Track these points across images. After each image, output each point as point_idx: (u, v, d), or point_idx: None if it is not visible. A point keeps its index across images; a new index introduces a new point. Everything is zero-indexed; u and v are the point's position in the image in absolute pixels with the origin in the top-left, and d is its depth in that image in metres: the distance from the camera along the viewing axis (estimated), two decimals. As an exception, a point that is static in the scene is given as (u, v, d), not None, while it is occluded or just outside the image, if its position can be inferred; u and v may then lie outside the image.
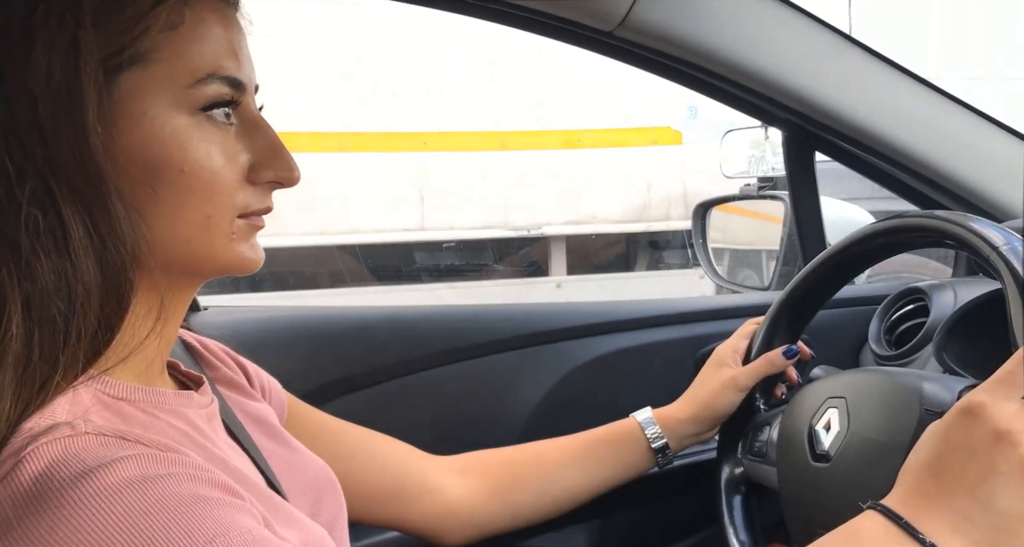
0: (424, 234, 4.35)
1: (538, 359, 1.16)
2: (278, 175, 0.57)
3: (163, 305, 0.56)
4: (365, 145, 4.19)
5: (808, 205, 1.21)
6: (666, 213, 4.63)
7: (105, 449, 0.47)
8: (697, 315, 1.19)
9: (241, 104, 0.56)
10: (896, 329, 1.06)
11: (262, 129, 0.57)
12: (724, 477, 0.91)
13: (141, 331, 0.54)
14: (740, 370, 0.92)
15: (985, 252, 0.69)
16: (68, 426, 0.47)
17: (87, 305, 0.49)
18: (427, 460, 0.90)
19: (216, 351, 0.75)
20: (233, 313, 1.18)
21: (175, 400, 0.57)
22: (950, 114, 1.10)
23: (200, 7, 0.54)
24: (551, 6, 1.02)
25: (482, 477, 0.91)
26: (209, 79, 0.53)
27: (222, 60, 0.54)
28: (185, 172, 0.53)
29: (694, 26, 1.02)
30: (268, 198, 0.58)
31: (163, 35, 0.52)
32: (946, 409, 0.63)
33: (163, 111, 0.52)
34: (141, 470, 0.46)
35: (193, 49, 0.53)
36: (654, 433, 0.92)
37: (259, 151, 0.57)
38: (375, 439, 0.88)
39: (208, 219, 0.54)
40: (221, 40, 0.55)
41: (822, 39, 1.07)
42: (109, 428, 0.48)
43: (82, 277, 0.49)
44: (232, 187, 0.55)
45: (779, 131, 1.22)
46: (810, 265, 0.91)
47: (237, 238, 0.56)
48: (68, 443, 0.46)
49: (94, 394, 0.51)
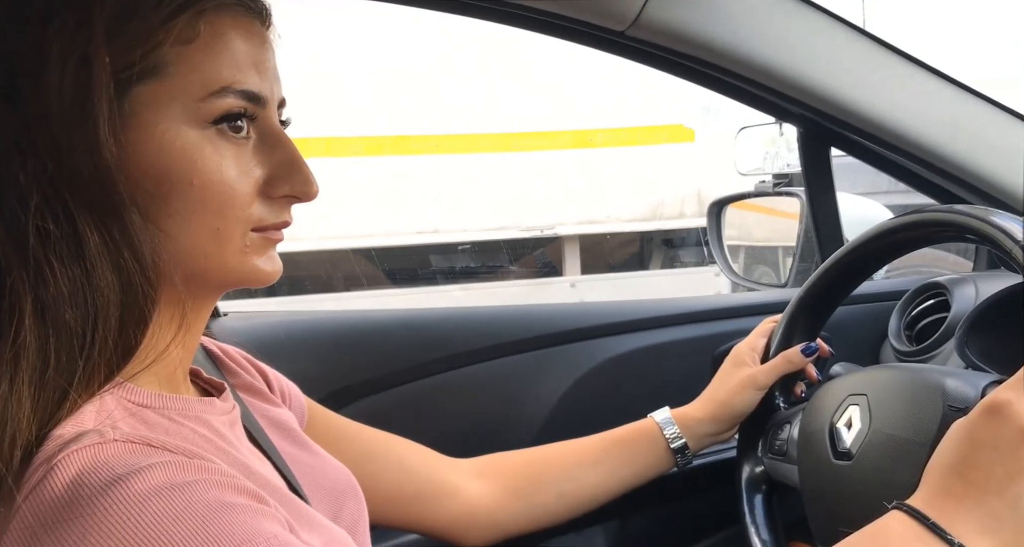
0: (438, 236, 4.35)
1: (555, 360, 1.16)
2: (295, 189, 0.57)
3: (185, 314, 0.56)
4: (378, 149, 4.20)
5: (824, 201, 1.21)
6: (680, 211, 4.62)
7: (133, 456, 0.47)
8: (714, 314, 1.19)
9: (259, 118, 0.56)
10: (916, 325, 1.05)
11: (281, 143, 0.57)
12: (745, 476, 0.90)
13: (164, 339, 0.55)
14: (759, 368, 0.92)
15: (1008, 246, 0.68)
16: (97, 433, 0.48)
17: (106, 313, 0.50)
18: (446, 463, 0.90)
19: (237, 357, 0.76)
20: (252, 319, 1.18)
21: (198, 406, 0.57)
22: (967, 106, 1.09)
23: (220, 22, 0.54)
24: (563, 7, 1.02)
25: (501, 478, 0.91)
26: (223, 92, 0.53)
27: (239, 73, 0.54)
28: (196, 185, 0.53)
29: (706, 24, 1.02)
30: (285, 212, 0.58)
31: (176, 49, 0.52)
32: (970, 405, 0.64)
33: (175, 124, 0.53)
34: (169, 477, 0.47)
35: (207, 63, 0.53)
36: (673, 433, 0.92)
37: (276, 165, 0.57)
38: (394, 442, 0.88)
39: (218, 232, 0.54)
40: (241, 54, 0.55)
41: (836, 34, 1.06)
42: (136, 435, 0.49)
43: (98, 285, 0.49)
44: (244, 201, 0.55)
45: (794, 127, 1.21)
46: (828, 262, 0.90)
47: (251, 251, 0.56)
48: (97, 450, 0.47)
49: (119, 401, 0.52)
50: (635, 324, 1.17)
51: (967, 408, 0.67)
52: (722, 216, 1.47)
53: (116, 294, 0.50)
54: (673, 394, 1.15)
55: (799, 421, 0.86)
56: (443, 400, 1.15)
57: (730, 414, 0.92)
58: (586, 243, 4.63)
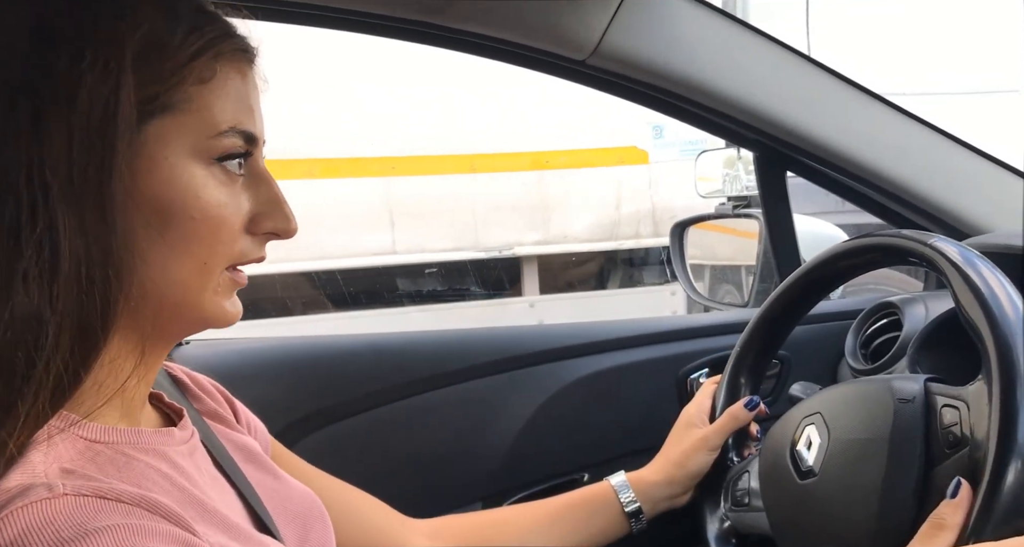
0: (395, 258, 4.34)
1: (521, 382, 1.16)
2: (276, 227, 0.59)
3: (143, 351, 0.56)
4: (333, 171, 4.19)
5: (781, 223, 1.24)
6: (636, 231, 4.67)
7: (83, 514, 0.46)
8: (678, 334, 1.21)
9: (252, 156, 0.59)
10: (871, 343, 1.09)
11: (267, 182, 0.59)
12: (713, 534, 0.91)
13: (120, 376, 0.54)
14: (709, 429, 0.93)
15: (942, 267, 0.72)
16: (45, 488, 0.46)
17: (56, 345, 0.49)
18: (400, 521, 0.89)
19: (205, 385, 0.76)
20: (214, 346, 1.17)
21: (155, 439, 0.57)
22: (910, 132, 1.14)
23: (230, 64, 0.57)
24: (524, 37, 1.04)
25: (454, 540, 0.90)
26: (229, 132, 0.56)
27: (241, 114, 0.57)
28: (196, 219, 0.54)
29: (664, 54, 1.05)
30: (262, 249, 0.60)
31: (195, 88, 0.55)
32: (916, 395, 0.71)
33: (183, 158, 0.54)
34: (116, 543, 0.45)
35: (218, 103, 0.56)
36: (628, 497, 0.92)
37: (262, 203, 0.59)
38: (351, 494, 0.87)
39: (205, 266, 0.56)
40: (241, 96, 0.57)
41: (788, 63, 1.10)
42: (88, 486, 0.48)
43: (56, 314, 0.49)
44: (232, 236, 0.57)
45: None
46: (768, 301, 0.94)
47: (221, 292, 0.58)
48: (44, 508, 0.45)
49: (71, 438, 0.51)
50: (601, 345, 1.18)
51: (915, 398, 0.72)
52: (684, 237, 1.50)
53: (71, 326, 0.49)
54: (639, 414, 1.17)
55: (756, 464, 0.87)
56: (409, 426, 1.15)
57: (685, 475, 0.93)
58: (544, 263, 4.66)
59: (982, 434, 0.65)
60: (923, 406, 0.72)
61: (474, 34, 1.03)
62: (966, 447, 0.67)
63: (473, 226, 4.41)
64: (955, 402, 0.70)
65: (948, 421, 0.69)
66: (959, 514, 0.63)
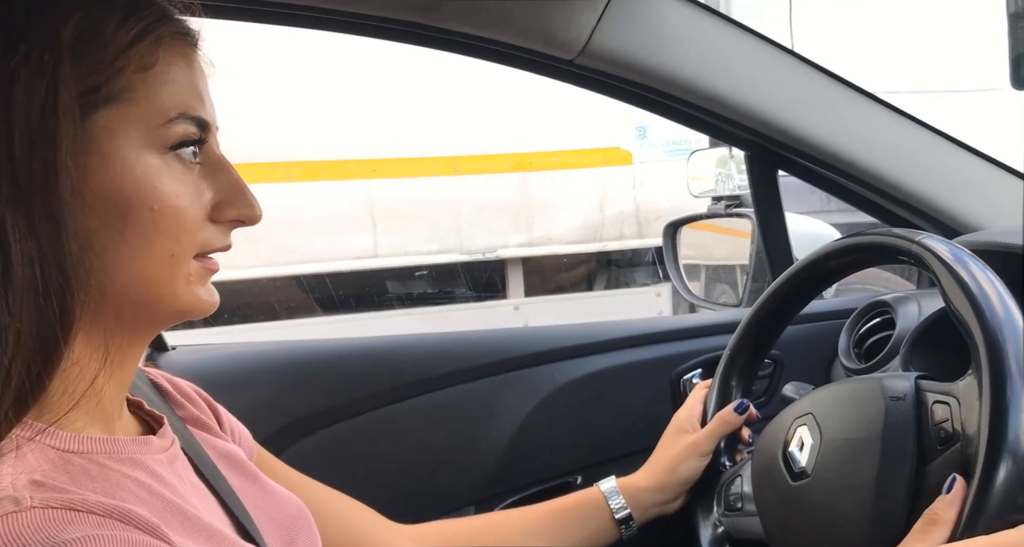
0: (378, 261, 4.32)
1: (514, 385, 1.15)
2: (241, 213, 0.58)
3: (108, 351, 0.54)
4: (314, 174, 4.16)
5: (773, 222, 1.24)
6: (620, 232, 4.68)
7: (52, 528, 0.45)
8: (671, 334, 1.20)
9: (206, 144, 0.57)
10: (865, 342, 1.09)
11: (225, 168, 0.58)
12: (707, 540, 0.90)
13: (86, 378, 0.53)
14: (699, 434, 0.93)
15: (931, 265, 0.72)
16: (12, 501, 0.45)
17: (16, 351, 0.47)
18: (387, 526, 0.88)
19: (187, 391, 0.74)
20: (202, 352, 1.16)
21: (132, 447, 0.55)
22: (902, 129, 1.14)
23: (172, 50, 0.55)
24: (512, 37, 1.03)
25: (439, 545, 0.89)
26: (179, 119, 0.54)
27: (189, 100, 0.55)
28: (155, 210, 0.53)
29: (653, 52, 1.04)
30: (228, 236, 0.59)
31: (137, 75, 0.53)
32: (906, 392, 0.70)
33: (135, 150, 0.53)
34: None
35: (164, 90, 0.54)
36: (618, 504, 0.91)
37: (223, 190, 0.57)
38: (338, 500, 0.86)
39: (172, 258, 0.54)
40: (188, 81, 0.56)
41: (777, 60, 1.10)
42: (58, 498, 0.46)
43: (15, 319, 0.47)
44: (196, 225, 0.56)
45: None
46: (757, 303, 0.93)
47: (194, 281, 0.56)
48: (11, 521, 0.44)
49: (41, 449, 0.50)
50: (594, 347, 1.17)
51: (905, 396, 0.72)
52: (677, 237, 1.50)
53: (31, 330, 0.48)
54: (633, 416, 1.17)
55: (749, 468, 0.87)
56: (401, 430, 1.13)
57: (676, 482, 0.92)
58: (529, 266, 4.65)
59: (973, 429, 0.65)
60: (914, 403, 0.72)
61: (462, 34, 1.02)
62: (958, 443, 0.67)
63: (457, 229, 4.39)
64: (946, 398, 0.70)
65: (939, 417, 0.69)
66: (953, 509, 0.63)
